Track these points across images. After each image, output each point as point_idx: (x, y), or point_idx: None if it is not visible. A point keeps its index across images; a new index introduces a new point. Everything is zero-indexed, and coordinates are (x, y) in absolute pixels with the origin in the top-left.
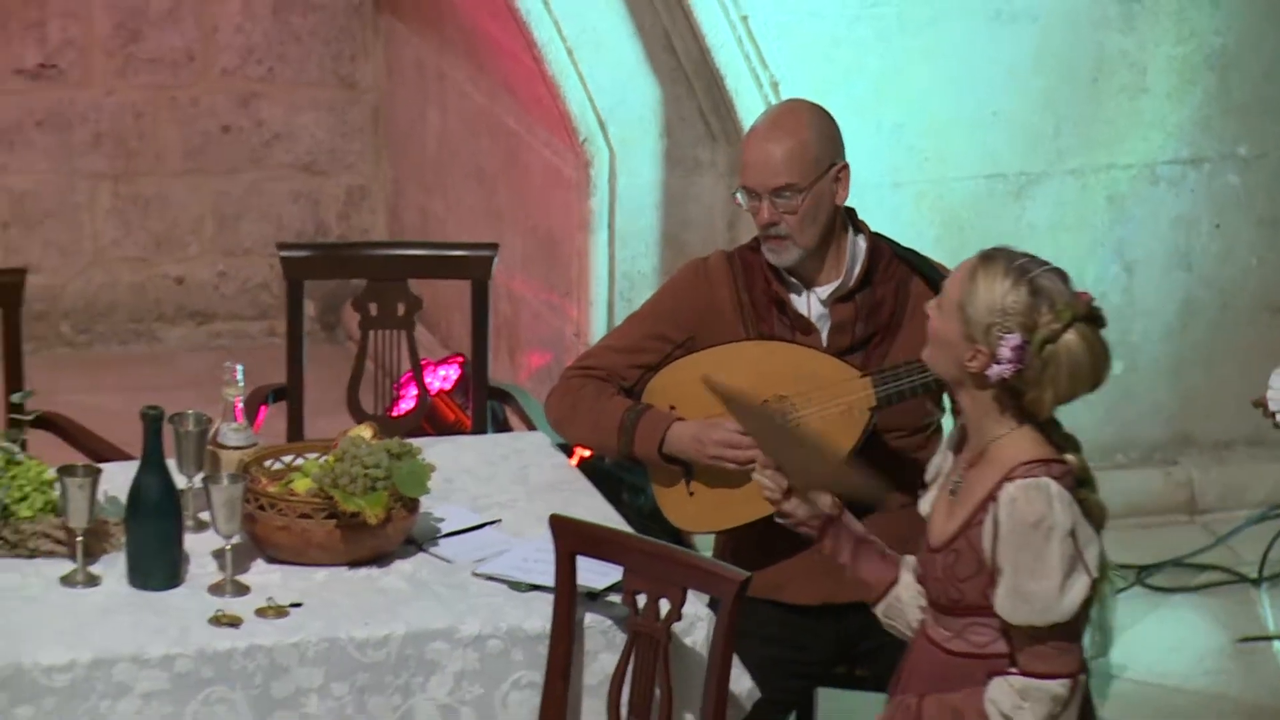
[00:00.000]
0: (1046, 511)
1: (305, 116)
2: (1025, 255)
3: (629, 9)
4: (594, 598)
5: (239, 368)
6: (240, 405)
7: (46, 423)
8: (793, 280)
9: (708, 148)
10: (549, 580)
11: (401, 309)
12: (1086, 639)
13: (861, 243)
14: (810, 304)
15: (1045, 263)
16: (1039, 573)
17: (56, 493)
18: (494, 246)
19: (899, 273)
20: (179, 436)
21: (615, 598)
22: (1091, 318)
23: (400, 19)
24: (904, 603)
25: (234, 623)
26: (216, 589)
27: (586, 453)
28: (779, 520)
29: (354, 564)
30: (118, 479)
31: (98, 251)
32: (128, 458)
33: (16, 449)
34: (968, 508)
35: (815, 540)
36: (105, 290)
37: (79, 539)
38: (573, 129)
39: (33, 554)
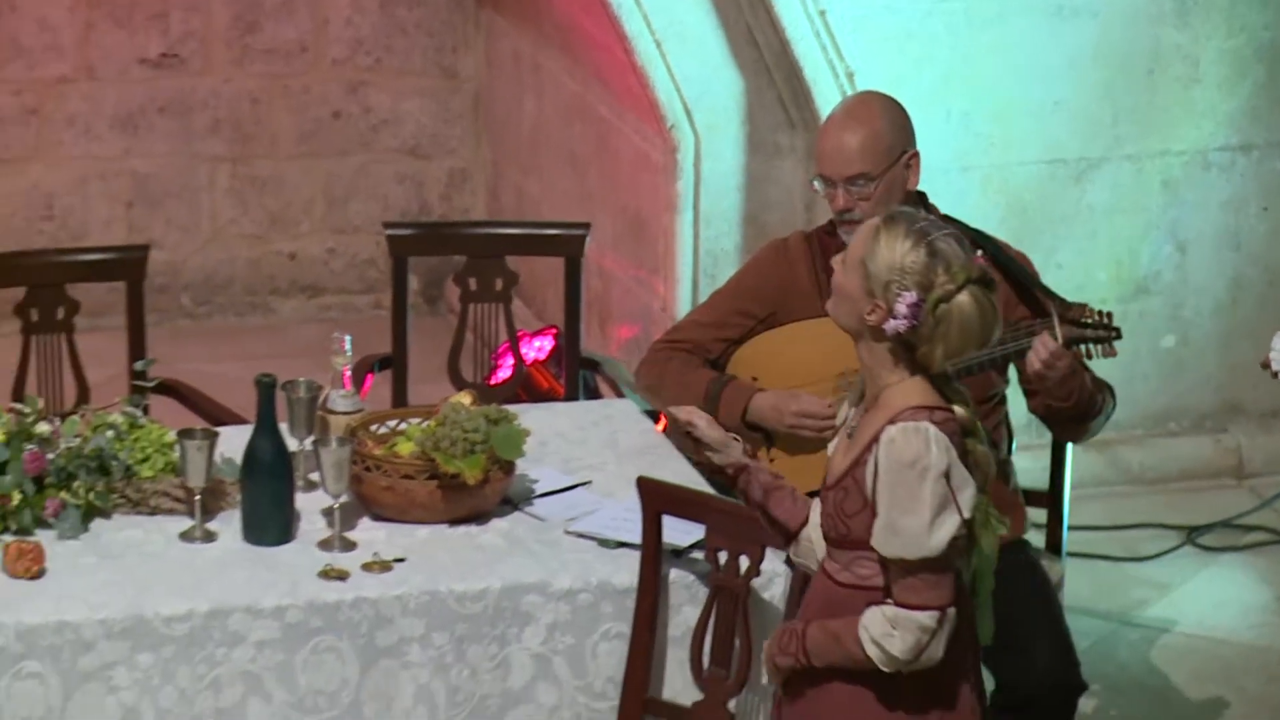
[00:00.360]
0: (923, 452)
1: (410, 103)
2: (926, 219)
3: (714, 4)
4: (678, 554)
5: (347, 338)
6: (348, 373)
7: (167, 389)
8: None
9: (787, 134)
10: (636, 538)
11: (499, 284)
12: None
13: (927, 229)
14: None
15: (944, 227)
16: (911, 509)
17: (176, 454)
18: (586, 226)
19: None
20: (291, 402)
21: (698, 555)
22: (983, 280)
23: (499, 13)
24: (813, 542)
25: (341, 576)
26: (325, 545)
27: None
28: (700, 469)
29: (454, 522)
30: (234, 442)
31: (216, 229)
32: (243, 422)
33: (139, 413)
34: (857, 448)
35: (731, 483)
36: (223, 265)
37: (197, 498)
38: (660, 116)
39: (154, 511)
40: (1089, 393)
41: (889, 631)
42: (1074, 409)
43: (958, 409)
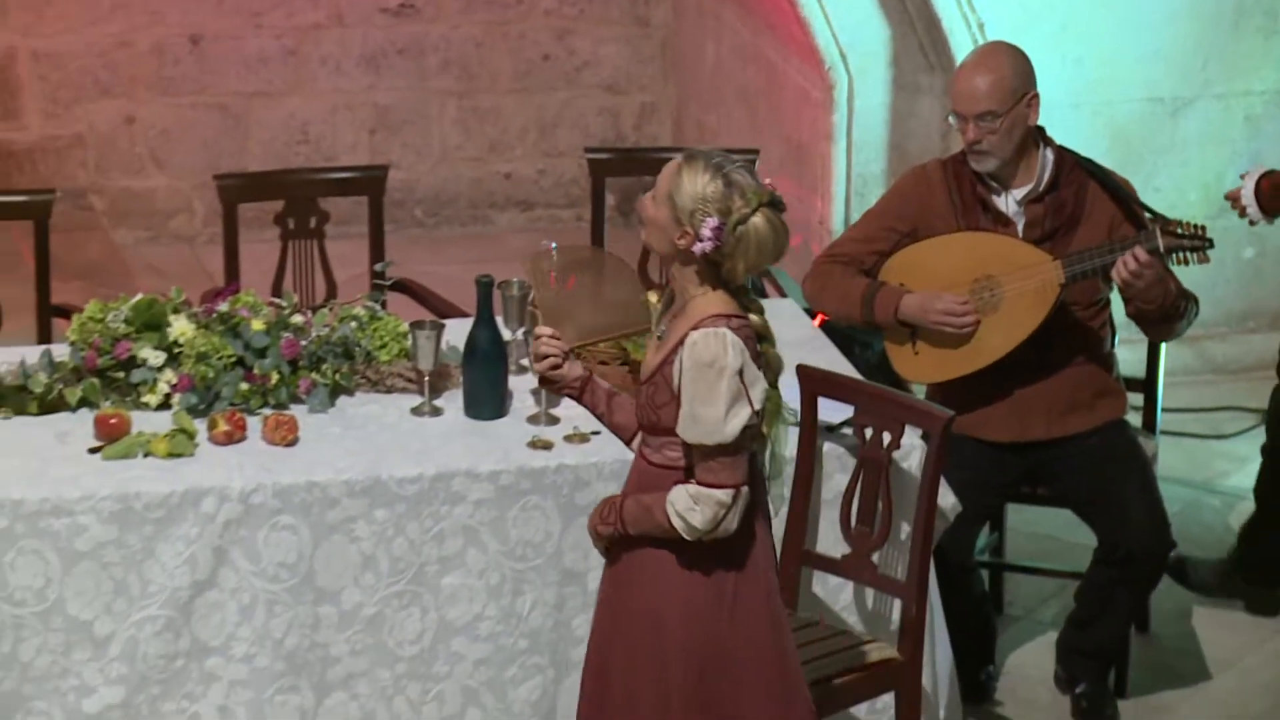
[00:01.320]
0: (720, 354)
1: (608, 48)
2: (721, 154)
3: None
4: (831, 431)
5: (554, 245)
6: (554, 275)
7: (402, 287)
8: (994, 184)
9: (926, 76)
10: (795, 417)
11: None
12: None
13: (1049, 155)
14: (1008, 203)
15: (737, 160)
16: (708, 402)
17: (409, 342)
18: (755, 151)
19: (1079, 179)
20: (505, 299)
21: (847, 431)
22: (774, 204)
23: None
24: None
25: (547, 446)
26: (533, 420)
27: (827, 317)
28: (545, 385)
29: None
30: (457, 332)
31: (444, 152)
32: (465, 315)
33: (378, 307)
34: (666, 349)
35: (576, 398)
36: (449, 183)
37: (426, 379)
38: (820, 59)
39: (389, 390)
40: (1173, 298)
41: (691, 506)
42: (1158, 312)
43: (753, 317)
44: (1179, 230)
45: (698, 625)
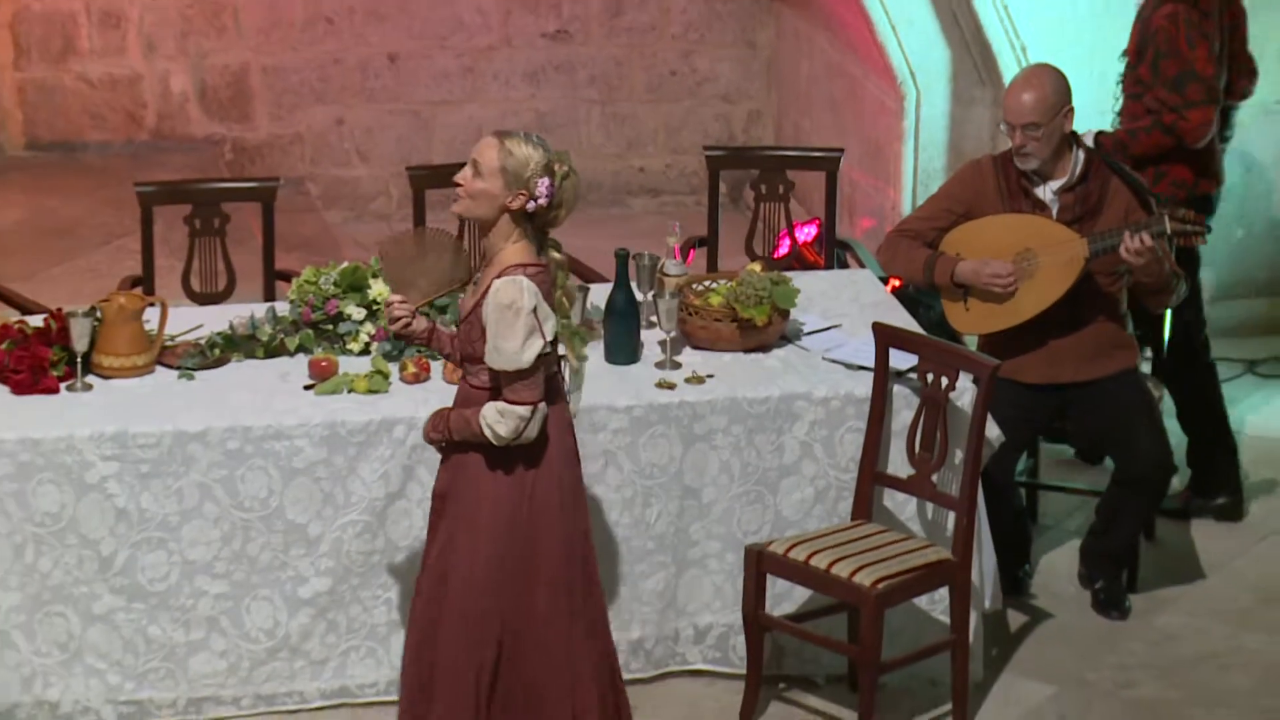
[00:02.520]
0: (517, 297)
1: (723, 66)
2: (524, 131)
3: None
4: (899, 375)
5: (677, 225)
6: (678, 249)
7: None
8: (1035, 177)
9: (979, 89)
10: (870, 363)
11: (781, 189)
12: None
13: (1080, 154)
14: (1045, 193)
15: (534, 134)
16: (508, 337)
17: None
18: (840, 150)
19: (1103, 174)
20: (639, 268)
21: (913, 375)
22: (569, 161)
23: (785, 3)
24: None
25: (671, 386)
26: (660, 365)
27: (897, 283)
28: (400, 338)
29: (747, 350)
30: (599, 294)
31: (591, 150)
32: (605, 281)
33: None
34: (478, 294)
35: (426, 344)
36: (594, 174)
37: (576, 327)
38: (894, 76)
39: None
40: (1165, 276)
41: (498, 419)
42: (1154, 284)
43: (555, 255)
44: (1181, 216)
45: (502, 513)
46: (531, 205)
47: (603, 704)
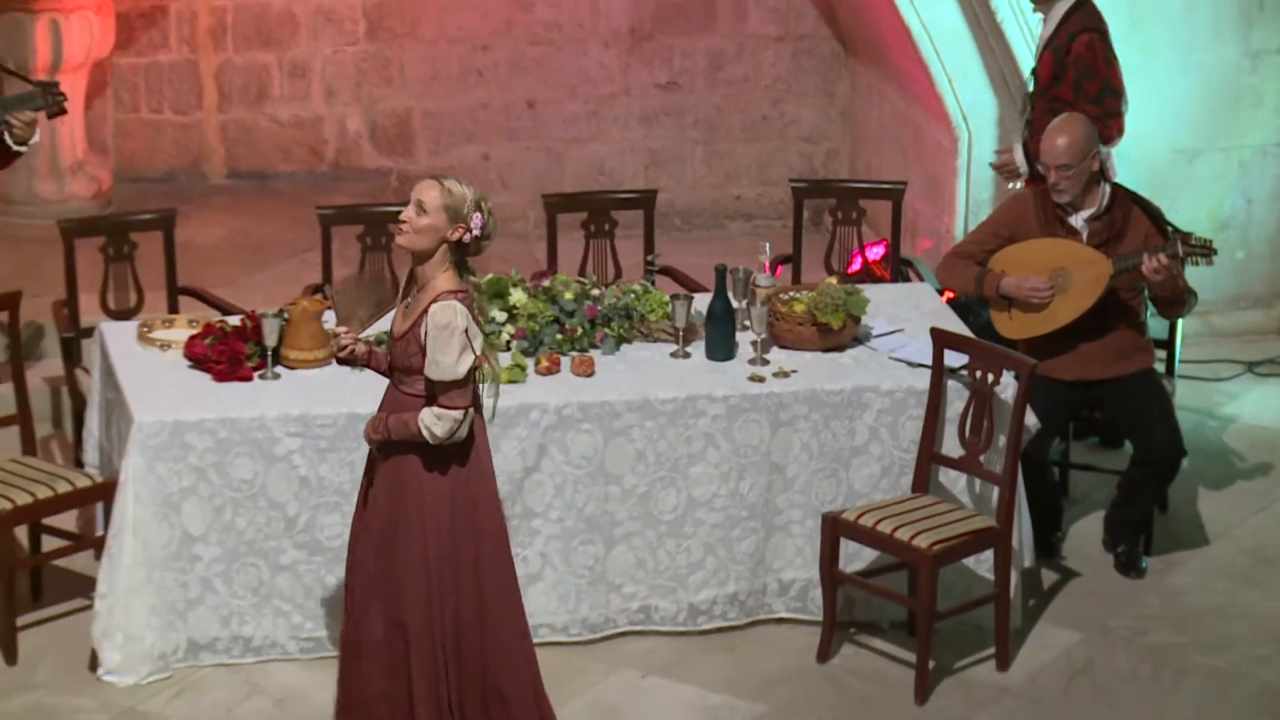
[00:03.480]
0: (452, 319)
1: (806, 111)
2: (448, 177)
3: (980, 57)
4: (953, 372)
5: (767, 245)
6: (767, 264)
7: (664, 270)
8: (1068, 208)
9: (1020, 135)
10: (929, 361)
11: (855, 215)
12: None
13: (1106, 188)
14: (1077, 221)
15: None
16: (445, 352)
17: (670, 308)
18: (905, 183)
19: (1126, 205)
20: (735, 280)
21: (964, 372)
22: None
23: (859, 60)
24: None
25: (760, 380)
26: (752, 362)
27: (951, 295)
28: (344, 361)
29: (825, 350)
30: (701, 301)
31: (694, 181)
32: (706, 291)
33: (650, 284)
34: (414, 315)
35: (366, 364)
36: (698, 202)
37: (680, 333)
38: (949, 120)
39: (656, 340)
40: (1180, 291)
41: (436, 421)
42: (1170, 297)
43: (474, 280)
44: (1193, 241)
45: (442, 504)
46: (468, 236)
47: (529, 655)
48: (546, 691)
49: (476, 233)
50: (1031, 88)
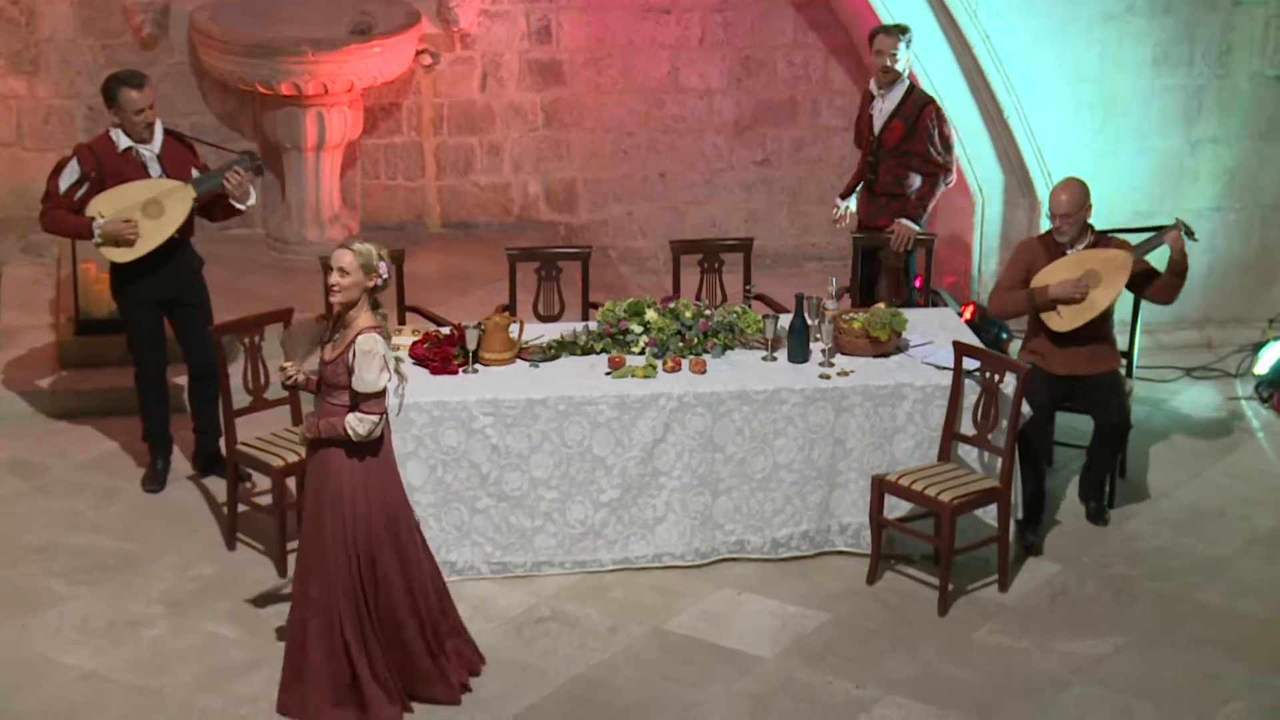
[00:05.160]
0: (374, 347)
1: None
2: (350, 241)
3: (992, 144)
4: (969, 373)
5: (834, 279)
6: (833, 292)
7: (758, 297)
8: (1067, 246)
9: (1021, 198)
10: (951, 365)
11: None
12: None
13: (1091, 235)
14: (1073, 250)
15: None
16: (370, 371)
17: (762, 324)
18: (935, 235)
19: (1106, 239)
20: (809, 304)
21: (977, 373)
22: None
23: None
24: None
25: (827, 377)
26: (821, 364)
27: (968, 316)
28: (290, 388)
29: (875, 356)
30: (785, 320)
31: (780, 232)
32: (788, 312)
33: (747, 306)
34: (343, 345)
35: (305, 388)
36: (784, 247)
37: (769, 342)
38: (968, 190)
39: (751, 348)
40: (1186, 264)
41: (359, 423)
42: (1180, 267)
43: (382, 313)
44: (1181, 224)
45: (358, 488)
46: (379, 281)
47: (442, 601)
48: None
49: (385, 276)
50: (874, 150)
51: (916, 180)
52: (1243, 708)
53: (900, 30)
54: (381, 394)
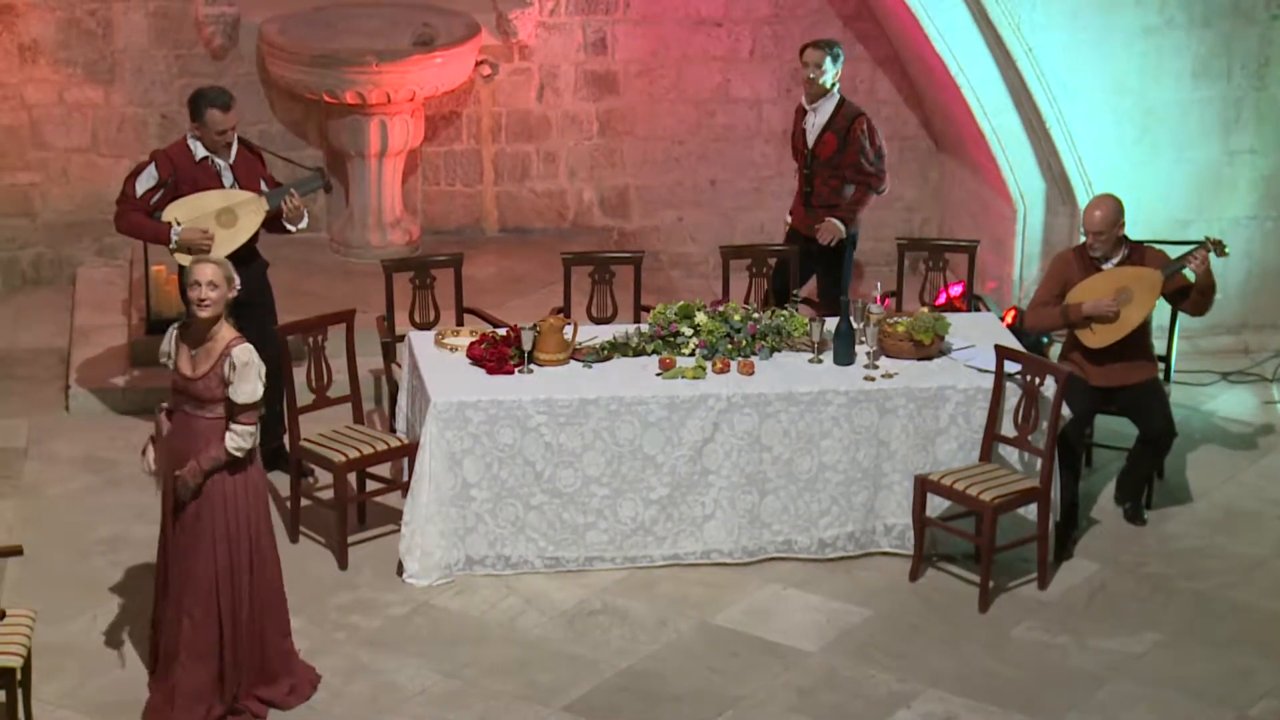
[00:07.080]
0: (249, 358)
1: (909, 190)
2: (203, 255)
3: (1034, 153)
4: (1010, 376)
5: (879, 283)
6: (879, 298)
7: (805, 301)
8: (1101, 260)
9: (1062, 207)
10: (993, 368)
11: (941, 263)
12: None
13: (1127, 248)
14: (1108, 268)
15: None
16: (247, 381)
17: (809, 327)
18: (978, 241)
19: (1140, 250)
20: (855, 308)
21: (1018, 376)
22: None
23: (946, 154)
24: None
25: (872, 379)
26: (867, 366)
27: (1009, 320)
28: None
29: (919, 359)
30: (830, 323)
31: None
32: (834, 315)
33: (795, 310)
34: (213, 359)
35: (157, 437)
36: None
37: (815, 344)
38: (1010, 197)
39: (798, 350)
40: (1213, 280)
41: (240, 440)
42: (1206, 284)
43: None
44: (1213, 240)
45: (241, 499)
46: (235, 293)
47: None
48: (708, 606)
49: (240, 287)
50: (809, 163)
51: (850, 190)
52: (1276, 705)
53: (828, 45)
54: (258, 406)
